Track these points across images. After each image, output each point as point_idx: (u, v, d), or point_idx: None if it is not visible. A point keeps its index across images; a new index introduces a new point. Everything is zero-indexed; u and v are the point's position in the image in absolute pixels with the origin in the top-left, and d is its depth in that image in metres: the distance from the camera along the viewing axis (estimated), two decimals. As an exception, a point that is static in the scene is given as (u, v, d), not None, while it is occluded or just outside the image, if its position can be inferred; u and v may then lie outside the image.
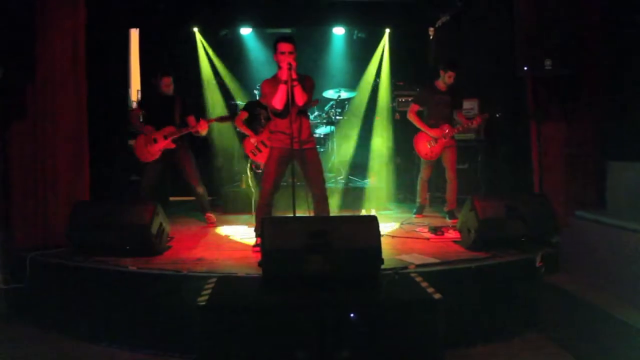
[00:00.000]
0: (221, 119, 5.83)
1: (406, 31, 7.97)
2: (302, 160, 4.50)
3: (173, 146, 5.44)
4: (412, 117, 5.99)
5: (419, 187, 6.20)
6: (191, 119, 5.55)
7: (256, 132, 5.88)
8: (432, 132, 5.85)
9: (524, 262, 4.00)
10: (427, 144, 5.90)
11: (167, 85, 5.51)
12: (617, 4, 4.55)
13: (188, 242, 4.94)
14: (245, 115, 6.04)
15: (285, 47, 4.32)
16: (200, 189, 5.69)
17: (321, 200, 4.53)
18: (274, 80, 4.43)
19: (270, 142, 4.63)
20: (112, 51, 6.25)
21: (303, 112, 4.51)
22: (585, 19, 4.60)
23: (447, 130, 5.80)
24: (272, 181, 4.50)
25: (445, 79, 5.84)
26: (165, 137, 5.41)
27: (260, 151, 5.81)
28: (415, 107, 6.00)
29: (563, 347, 3.58)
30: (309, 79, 4.48)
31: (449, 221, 5.77)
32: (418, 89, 6.45)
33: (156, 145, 5.41)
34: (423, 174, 6.13)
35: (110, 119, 5.72)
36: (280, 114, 4.44)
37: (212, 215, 5.84)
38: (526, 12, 4.54)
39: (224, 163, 7.61)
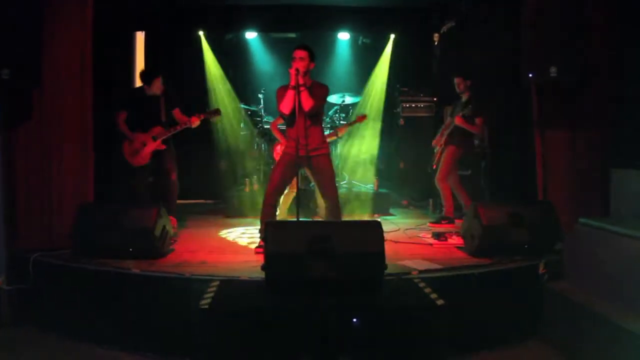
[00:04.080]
0: (210, 114, 5.48)
1: (411, 37, 8.00)
2: (311, 168, 4.52)
3: (163, 147, 5.31)
4: None
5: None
6: (177, 112, 5.42)
7: None
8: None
9: (527, 269, 3.99)
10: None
11: (159, 86, 5.31)
12: (623, 12, 4.55)
13: (191, 245, 4.94)
14: (280, 120, 6.08)
15: (297, 53, 4.39)
16: (175, 177, 5.40)
17: (333, 207, 4.56)
18: (287, 86, 4.45)
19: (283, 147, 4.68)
20: (118, 54, 6.27)
21: (313, 119, 4.48)
22: (591, 26, 4.59)
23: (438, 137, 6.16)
24: (275, 184, 4.54)
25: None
26: (155, 139, 5.27)
27: None
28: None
29: (565, 354, 3.56)
30: (321, 87, 4.51)
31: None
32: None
33: (146, 148, 5.27)
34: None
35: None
36: (288, 120, 4.46)
37: (174, 219, 5.19)
38: (532, 19, 4.54)
39: (228, 166, 7.62)
